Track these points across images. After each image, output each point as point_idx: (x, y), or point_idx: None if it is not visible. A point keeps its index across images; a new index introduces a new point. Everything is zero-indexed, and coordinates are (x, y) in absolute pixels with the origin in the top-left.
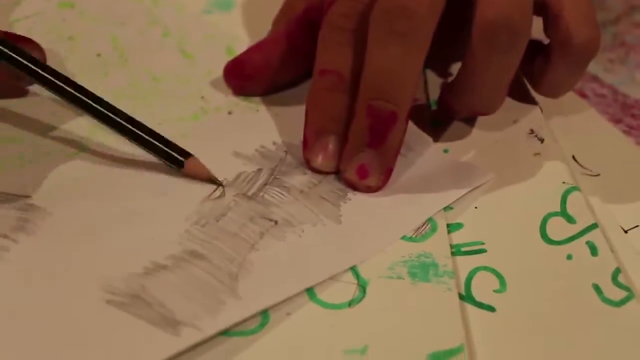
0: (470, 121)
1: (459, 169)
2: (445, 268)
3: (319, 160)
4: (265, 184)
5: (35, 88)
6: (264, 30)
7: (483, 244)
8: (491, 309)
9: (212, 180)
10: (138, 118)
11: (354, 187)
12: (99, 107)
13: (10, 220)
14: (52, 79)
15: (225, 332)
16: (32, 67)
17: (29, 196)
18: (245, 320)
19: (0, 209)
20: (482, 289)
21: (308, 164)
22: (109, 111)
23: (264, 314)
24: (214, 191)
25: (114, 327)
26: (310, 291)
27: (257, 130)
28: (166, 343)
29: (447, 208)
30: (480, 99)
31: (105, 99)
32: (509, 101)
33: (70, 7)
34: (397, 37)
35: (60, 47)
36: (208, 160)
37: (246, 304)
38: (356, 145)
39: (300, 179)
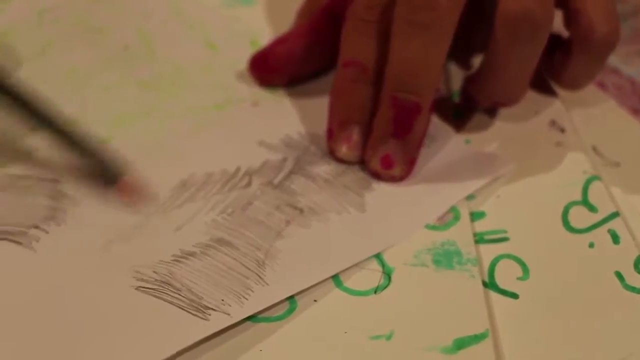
0: (491, 112)
1: (480, 158)
2: (469, 256)
3: (343, 150)
4: (291, 173)
5: None
6: (287, 23)
7: (506, 232)
8: (514, 296)
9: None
10: (163, 107)
11: (378, 177)
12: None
13: (41, 209)
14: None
15: (252, 318)
16: None
17: (59, 181)
18: (273, 307)
19: (31, 195)
20: (506, 276)
21: (332, 154)
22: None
23: (292, 300)
24: (240, 180)
25: (143, 312)
26: (336, 278)
27: (281, 120)
28: (195, 327)
29: (470, 197)
30: (503, 90)
31: (132, 89)
32: (529, 92)
33: None
34: (421, 28)
35: (87, 38)
36: (232, 148)
37: (273, 291)
38: (380, 135)
39: (325, 168)
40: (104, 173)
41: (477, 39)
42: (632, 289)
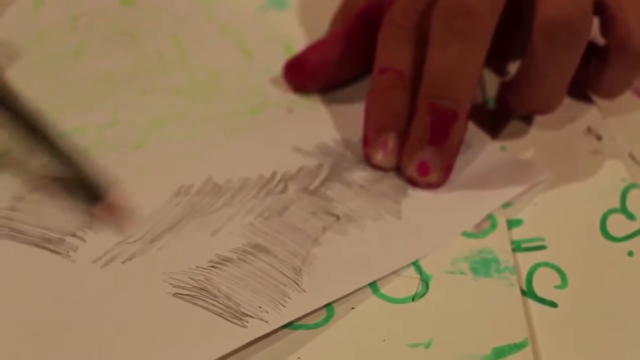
0: (527, 119)
1: (517, 166)
2: (507, 264)
3: (379, 157)
4: (327, 179)
5: None
6: (321, 28)
7: (543, 240)
8: (553, 304)
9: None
10: (197, 112)
11: (415, 184)
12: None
13: (78, 214)
14: None
15: (290, 325)
16: None
17: None
18: (310, 314)
19: (67, 198)
20: (544, 284)
21: (368, 161)
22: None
23: (329, 307)
24: (276, 185)
25: (181, 319)
26: (373, 285)
27: (316, 126)
28: (233, 334)
29: (507, 205)
30: (539, 97)
31: (166, 94)
32: (566, 99)
33: (131, 4)
34: (458, 35)
35: (121, 43)
36: (268, 154)
37: (310, 298)
38: (417, 142)
39: (361, 175)
40: (88, 189)
41: (514, 45)
42: None
